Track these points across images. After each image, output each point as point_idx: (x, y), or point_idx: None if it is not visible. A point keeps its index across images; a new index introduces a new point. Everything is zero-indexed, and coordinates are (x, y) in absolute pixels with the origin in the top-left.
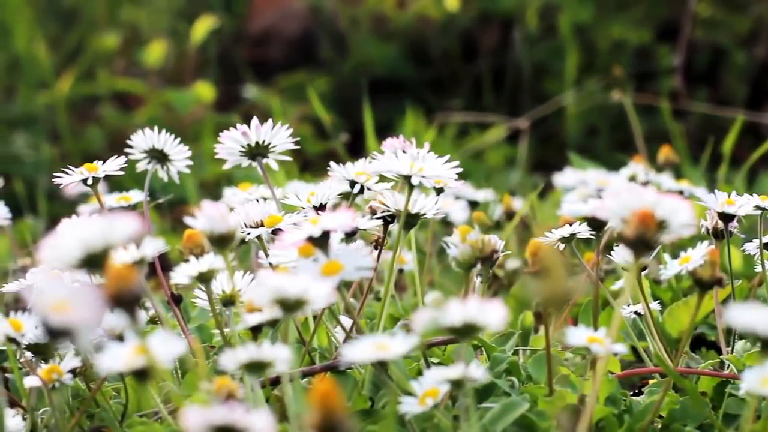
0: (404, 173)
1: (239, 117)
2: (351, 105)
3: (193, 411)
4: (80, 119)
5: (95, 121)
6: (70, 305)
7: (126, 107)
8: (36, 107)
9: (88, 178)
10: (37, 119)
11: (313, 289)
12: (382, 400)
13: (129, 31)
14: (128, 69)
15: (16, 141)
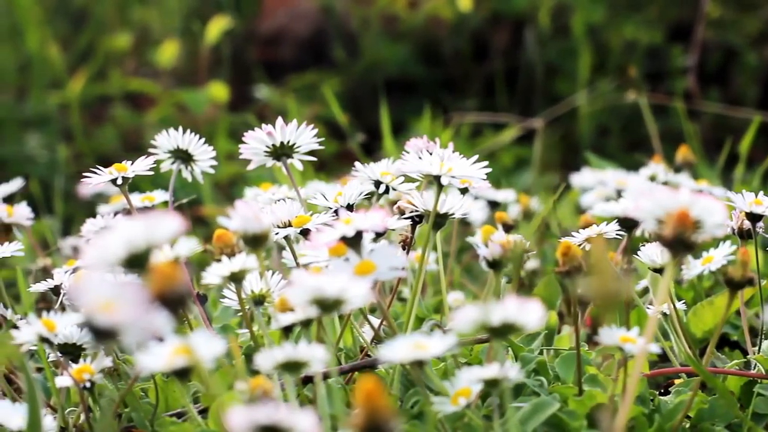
0: (434, 173)
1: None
2: (362, 105)
3: (238, 411)
4: (92, 119)
5: (107, 121)
6: (116, 305)
7: (137, 107)
8: (48, 108)
9: (118, 178)
10: (49, 120)
11: (350, 288)
12: (411, 400)
13: (139, 31)
14: (138, 69)
15: (30, 141)
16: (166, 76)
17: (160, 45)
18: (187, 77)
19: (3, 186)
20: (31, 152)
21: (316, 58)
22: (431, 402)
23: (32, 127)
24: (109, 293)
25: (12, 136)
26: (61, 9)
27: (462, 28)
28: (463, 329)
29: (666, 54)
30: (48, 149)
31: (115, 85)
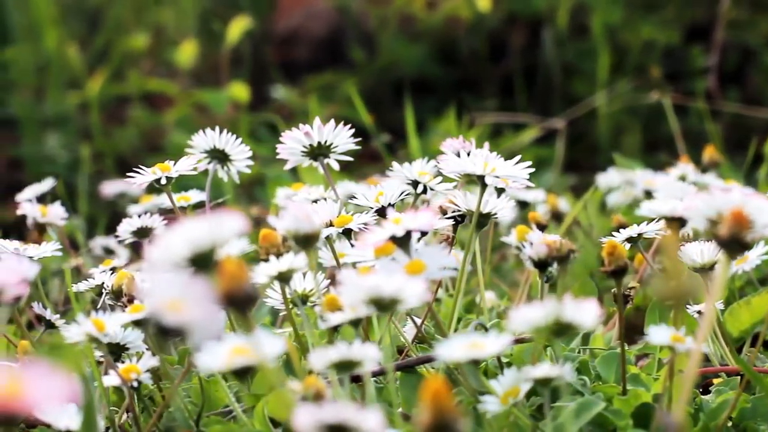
0: (478, 173)
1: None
2: (379, 105)
3: (305, 410)
4: (109, 119)
5: (125, 121)
6: (184, 304)
7: (153, 107)
8: (67, 108)
9: (161, 177)
10: (68, 119)
11: (407, 288)
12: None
13: (154, 31)
14: (153, 69)
15: (49, 141)
16: (182, 76)
17: (176, 45)
18: (204, 77)
19: (35, 186)
20: (51, 152)
21: (332, 59)
22: (480, 401)
23: (51, 126)
24: (176, 292)
25: (31, 136)
26: (75, 9)
27: (479, 29)
28: (522, 329)
29: (682, 54)
30: (67, 149)
31: (133, 85)
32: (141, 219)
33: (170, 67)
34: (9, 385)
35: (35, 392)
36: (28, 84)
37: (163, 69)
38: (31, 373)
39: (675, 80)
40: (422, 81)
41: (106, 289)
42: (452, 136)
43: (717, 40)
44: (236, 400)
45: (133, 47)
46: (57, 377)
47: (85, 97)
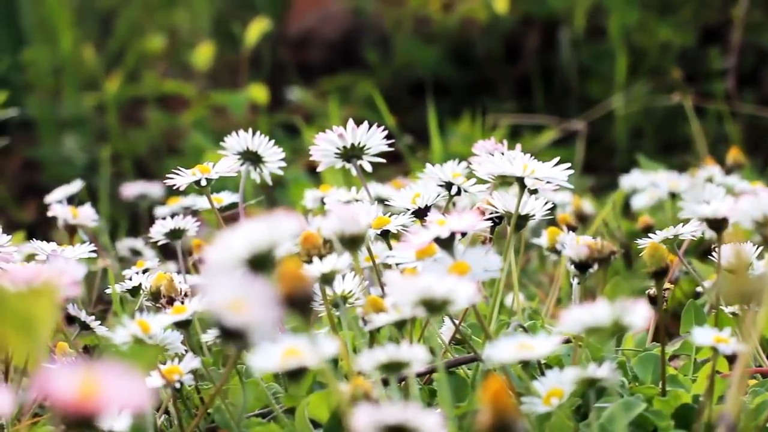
0: (518, 175)
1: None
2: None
3: (364, 410)
4: (125, 121)
5: (141, 123)
6: (245, 305)
7: (168, 109)
8: (84, 109)
9: (201, 179)
10: (84, 121)
11: (458, 289)
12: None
13: (168, 33)
14: (167, 71)
15: (66, 142)
16: (196, 78)
17: (190, 47)
18: (219, 79)
19: (63, 187)
20: (68, 153)
21: (346, 60)
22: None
23: (68, 128)
24: (237, 293)
25: (49, 138)
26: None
27: (494, 30)
28: (572, 330)
29: (698, 56)
30: (84, 150)
31: (150, 86)
32: (174, 220)
33: (184, 69)
34: (83, 386)
35: (109, 394)
36: (45, 86)
37: (176, 70)
38: (104, 374)
39: (691, 82)
40: (437, 83)
41: (144, 290)
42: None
43: (735, 42)
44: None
45: (149, 49)
46: (130, 379)
47: (102, 99)
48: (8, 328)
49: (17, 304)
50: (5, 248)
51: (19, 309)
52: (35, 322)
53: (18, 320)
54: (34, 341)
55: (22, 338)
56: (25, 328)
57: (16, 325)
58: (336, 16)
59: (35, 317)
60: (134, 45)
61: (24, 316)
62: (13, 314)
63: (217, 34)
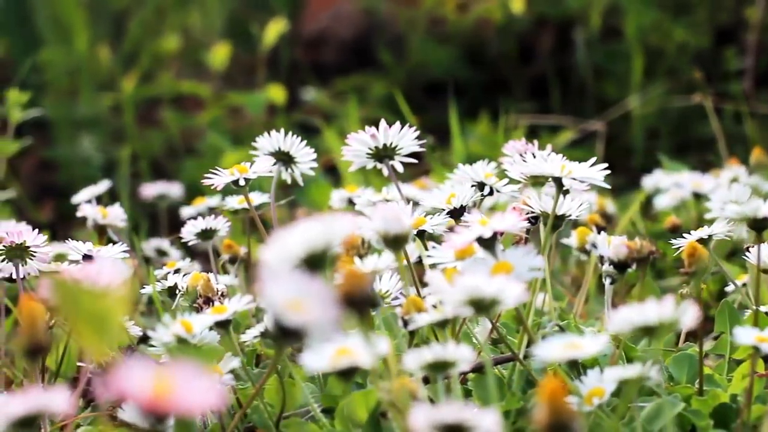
0: (555, 175)
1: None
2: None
3: (421, 410)
4: (140, 122)
5: (156, 123)
6: (305, 305)
7: (182, 110)
8: (100, 109)
9: (239, 179)
10: (101, 121)
11: (507, 289)
12: (532, 399)
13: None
14: (180, 71)
15: (83, 143)
16: (210, 78)
17: (203, 47)
18: (233, 79)
19: (91, 188)
20: (85, 154)
21: (360, 61)
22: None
23: (84, 128)
24: (297, 292)
25: (65, 138)
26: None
27: (509, 30)
28: (622, 329)
29: (713, 57)
30: (100, 151)
31: (166, 86)
32: (205, 221)
33: (197, 69)
34: (158, 385)
35: (183, 392)
36: (61, 86)
37: (189, 71)
38: (178, 373)
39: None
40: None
41: (181, 290)
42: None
43: (752, 42)
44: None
45: (163, 50)
46: (203, 378)
47: (117, 99)
48: (82, 326)
49: (91, 303)
50: (42, 249)
51: (93, 307)
52: (107, 320)
53: (91, 318)
54: (106, 339)
55: (95, 336)
56: (98, 326)
57: (89, 323)
58: (349, 17)
59: (107, 316)
60: (148, 45)
61: (97, 314)
62: (87, 312)
63: (231, 35)
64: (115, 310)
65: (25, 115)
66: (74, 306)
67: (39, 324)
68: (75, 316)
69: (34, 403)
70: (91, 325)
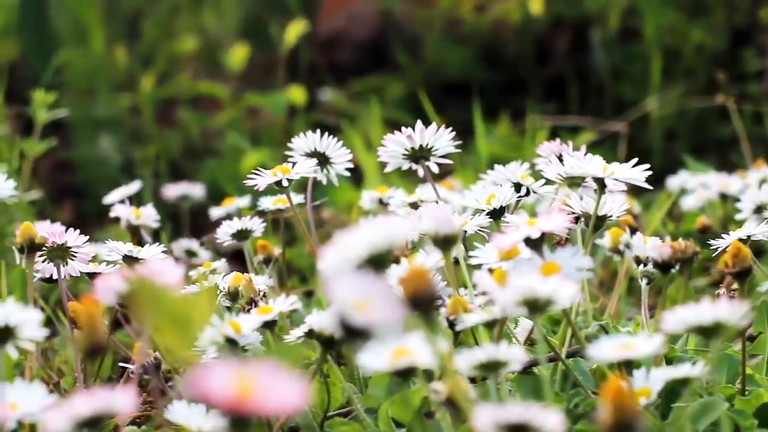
0: (598, 176)
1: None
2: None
3: (486, 409)
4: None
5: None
6: (371, 305)
7: (199, 110)
8: (119, 110)
9: (282, 179)
10: (119, 122)
11: (562, 289)
12: (574, 400)
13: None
14: (196, 72)
15: (102, 143)
16: (227, 79)
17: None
18: (250, 80)
19: (122, 188)
20: (104, 154)
21: (375, 61)
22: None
23: (102, 129)
24: (362, 293)
25: (84, 139)
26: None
27: (525, 31)
28: (676, 329)
29: (730, 58)
30: (118, 151)
31: (184, 87)
32: (241, 221)
33: (213, 70)
34: (241, 386)
35: (266, 393)
36: (79, 87)
37: (205, 71)
38: (259, 373)
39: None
40: (468, 84)
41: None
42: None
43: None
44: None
45: (180, 50)
46: (286, 377)
47: (135, 100)
48: (165, 328)
49: (175, 305)
50: (83, 249)
51: (176, 309)
52: (191, 322)
53: (175, 320)
54: (189, 341)
55: (179, 338)
56: (182, 327)
57: (173, 324)
58: (364, 17)
59: (192, 318)
60: (165, 46)
61: (181, 316)
62: (171, 314)
63: (246, 35)
64: (198, 311)
65: (50, 116)
66: (157, 307)
67: (98, 325)
68: (158, 318)
69: (100, 404)
70: (174, 326)
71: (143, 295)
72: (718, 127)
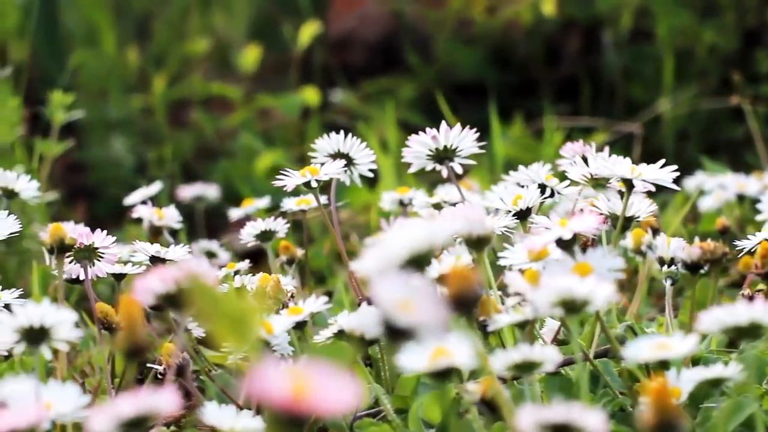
0: (626, 177)
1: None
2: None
3: (528, 409)
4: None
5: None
6: (415, 305)
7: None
8: (131, 111)
9: (311, 180)
10: (131, 123)
11: (598, 290)
12: (603, 399)
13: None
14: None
15: (114, 145)
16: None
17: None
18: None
19: (143, 189)
20: (117, 155)
21: (386, 63)
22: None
23: (115, 130)
24: (406, 293)
25: (96, 140)
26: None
27: (537, 32)
28: (711, 330)
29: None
30: (131, 152)
31: (196, 88)
32: (265, 222)
33: (224, 71)
34: (296, 386)
35: (322, 393)
36: (91, 88)
37: (216, 72)
38: (314, 373)
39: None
40: (479, 85)
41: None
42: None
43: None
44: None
45: (192, 51)
46: (340, 377)
47: (147, 101)
48: (223, 328)
49: (230, 305)
50: (111, 249)
51: (233, 309)
52: (247, 322)
53: (231, 320)
54: (246, 341)
55: (236, 338)
56: (239, 328)
57: (229, 325)
58: (375, 18)
59: (247, 318)
60: (177, 47)
61: (237, 316)
62: (227, 314)
63: (256, 36)
64: (254, 312)
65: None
66: (214, 308)
67: (138, 325)
68: (215, 319)
69: (144, 404)
70: (231, 327)
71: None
72: (730, 128)
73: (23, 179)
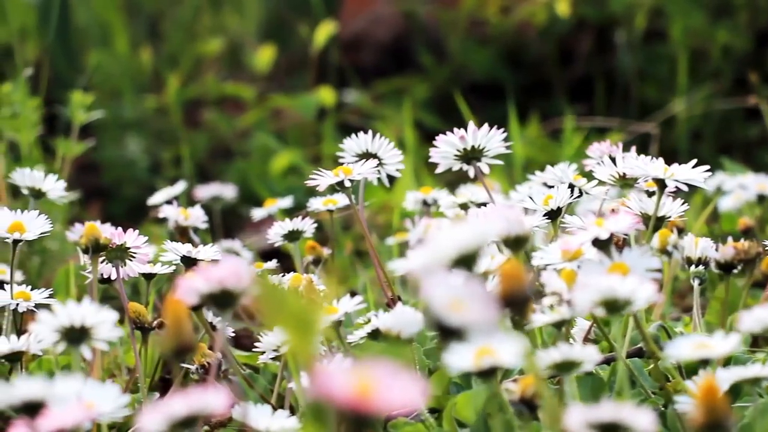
0: (659, 177)
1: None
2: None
3: (576, 409)
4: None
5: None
6: (466, 304)
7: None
8: (145, 111)
9: (344, 180)
10: (145, 123)
11: (640, 289)
12: (637, 398)
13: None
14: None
15: (129, 145)
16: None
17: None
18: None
19: (167, 189)
20: (131, 156)
21: (398, 63)
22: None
23: (129, 130)
24: (457, 292)
25: (111, 140)
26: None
27: (550, 33)
28: (753, 329)
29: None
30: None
31: (210, 88)
32: (292, 222)
33: (236, 71)
34: (361, 385)
35: (387, 392)
36: (105, 88)
37: (227, 72)
38: (378, 372)
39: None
40: (492, 85)
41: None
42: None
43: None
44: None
45: (205, 52)
46: (402, 376)
47: (161, 101)
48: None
49: (296, 306)
50: (142, 249)
51: (298, 311)
52: (312, 323)
53: (297, 322)
54: (310, 342)
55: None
56: (304, 329)
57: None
58: (387, 19)
59: (312, 319)
60: (189, 48)
61: (301, 317)
62: (293, 316)
63: (268, 36)
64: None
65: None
66: (280, 310)
67: (185, 325)
68: (281, 320)
69: (196, 404)
70: (297, 328)
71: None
72: (743, 128)
73: (50, 179)
